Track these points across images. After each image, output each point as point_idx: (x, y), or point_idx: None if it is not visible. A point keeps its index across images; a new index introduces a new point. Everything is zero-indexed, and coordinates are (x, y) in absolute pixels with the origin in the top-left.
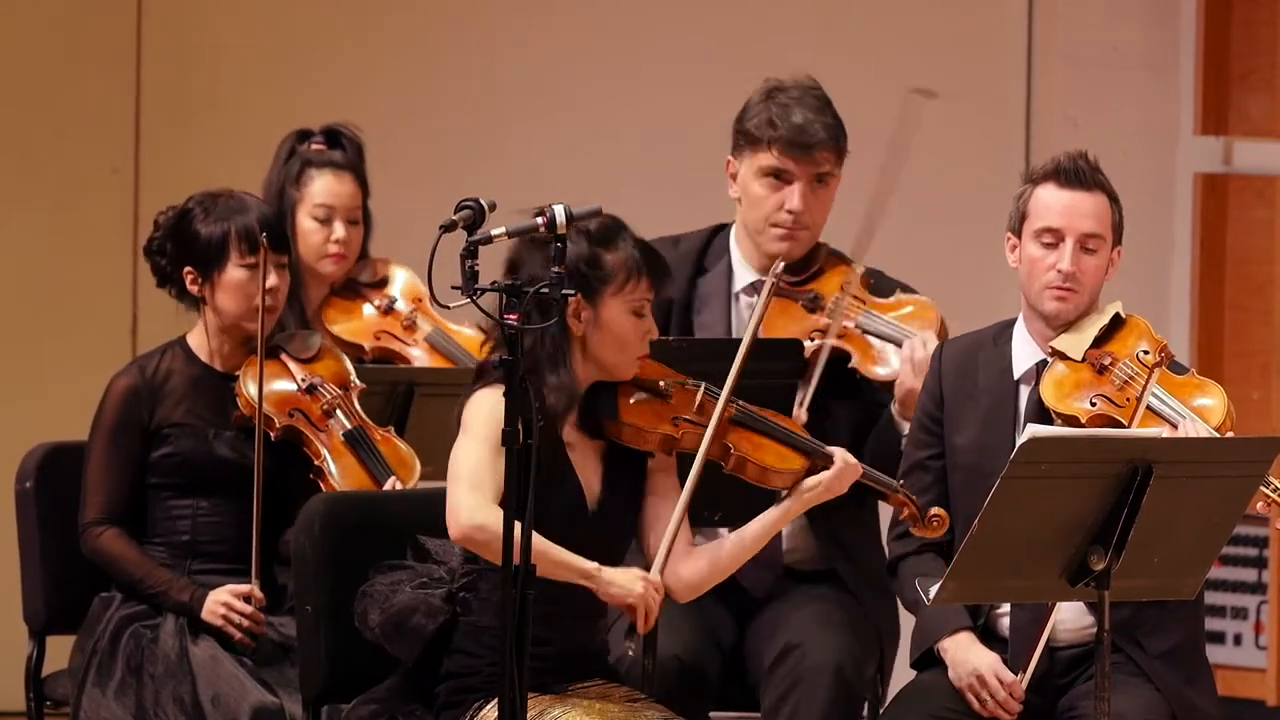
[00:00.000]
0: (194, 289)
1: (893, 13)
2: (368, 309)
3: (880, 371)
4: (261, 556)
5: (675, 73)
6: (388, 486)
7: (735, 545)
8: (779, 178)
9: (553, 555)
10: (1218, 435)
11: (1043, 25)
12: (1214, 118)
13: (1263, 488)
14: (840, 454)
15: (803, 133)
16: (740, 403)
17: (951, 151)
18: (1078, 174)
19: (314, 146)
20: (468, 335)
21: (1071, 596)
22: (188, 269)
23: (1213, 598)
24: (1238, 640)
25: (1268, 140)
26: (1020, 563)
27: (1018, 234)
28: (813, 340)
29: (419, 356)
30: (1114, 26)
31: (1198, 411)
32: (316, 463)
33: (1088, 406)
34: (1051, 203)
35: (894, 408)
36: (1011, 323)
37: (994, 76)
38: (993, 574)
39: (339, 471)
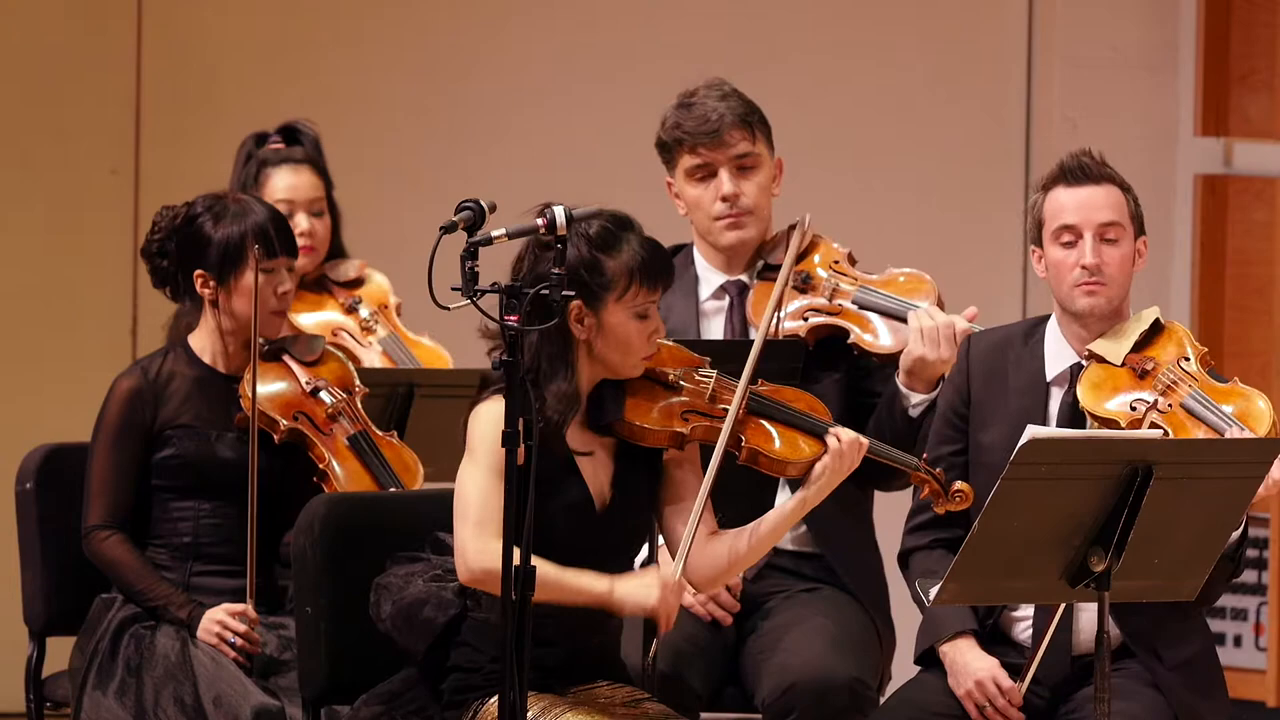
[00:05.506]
0: (205, 292)
1: (893, 13)
2: (330, 305)
3: (882, 345)
4: (261, 560)
5: (674, 72)
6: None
7: (755, 536)
8: (704, 173)
9: (566, 584)
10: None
11: (1042, 25)
12: (1214, 119)
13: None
14: (835, 435)
15: (706, 121)
16: (752, 387)
17: (951, 152)
18: (1083, 169)
19: (271, 146)
20: (426, 346)
21: (1072, 597)
22: (199, 272)
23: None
24: (1238, 642)
25: (1268, 141)
26: (1020, 563)
27: (1039, 243)
28: (806, 320)
29: (370, 360)
30: (1114, 27)
31: (1244, 419)
32: (321, 466)
33: (1128, 410)
34: (1064, 202)
35: (900, 378)
36: (1042, 321)
37: (994, 76)
38: (993, 575)
39: (344, 475)
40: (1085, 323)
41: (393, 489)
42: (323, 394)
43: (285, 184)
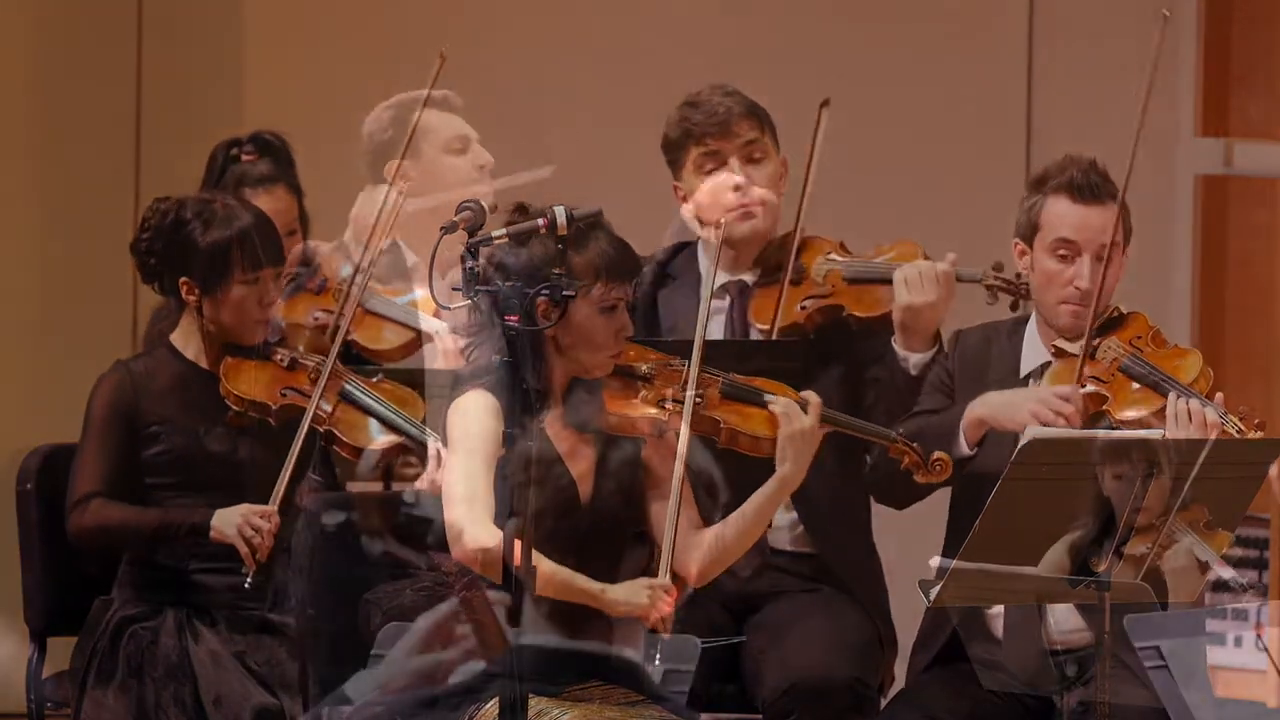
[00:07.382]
0: (190, 299)
1: (892, 14)
2: (307, 300)
3: (879, 308)
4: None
5: (675, 74)
6: (405, 427)
7: (739, 523)
8: (714, 164)
9: (560, 578)
10: (1198, 396)
11: (1043, 26)
12: (1214, 119)
13: (1223, 423)
14: (776, 402)
15: (713, 114)
16: (726, 375)
17: (951, 153)
18: (1092, 189)
19: (245, 159)
20: (411, 296)
21: (1072, 597)
22: (183, 280)
23: (1212, 599)
24: (1238, 642)
25: (1268, 142)
26: (1020, 564)
27: (1028, 243)
28: (803, 308)
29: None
30: (1114, 27)
31: (1174, 372)
32: (323, 429)
33: (1081, 389)
34: (1067, 216)
35: (898, 342)
36: (1025, 319)
37: (994, 78)
38: (993, 574)
39: (346, 427)
40: (1063, 335)
41: (400, 422)
42: (300, 363)
43: (265, 209)
